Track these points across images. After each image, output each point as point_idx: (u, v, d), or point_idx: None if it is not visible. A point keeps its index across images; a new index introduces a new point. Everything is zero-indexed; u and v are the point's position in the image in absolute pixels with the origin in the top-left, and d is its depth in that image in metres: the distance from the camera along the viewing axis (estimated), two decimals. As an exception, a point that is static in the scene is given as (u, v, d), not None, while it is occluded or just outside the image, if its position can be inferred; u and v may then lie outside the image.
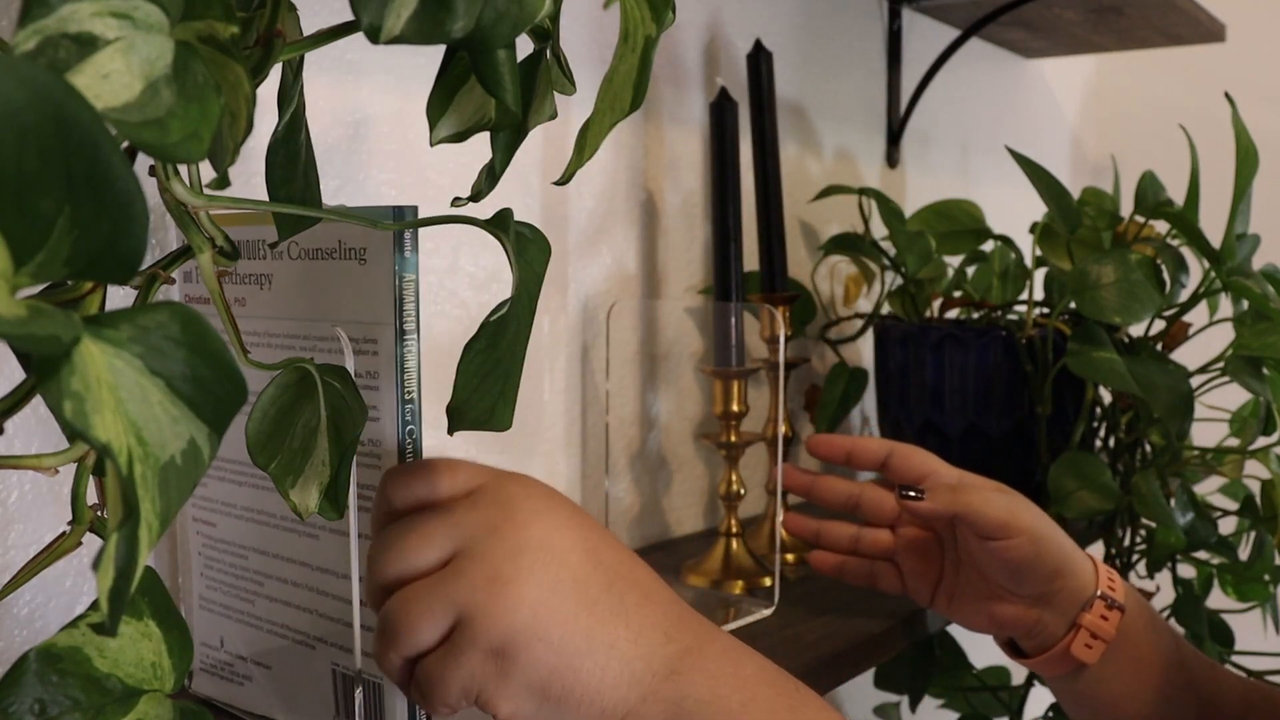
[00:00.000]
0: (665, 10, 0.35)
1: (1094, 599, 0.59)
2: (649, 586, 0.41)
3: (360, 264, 0.45)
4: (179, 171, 0.30)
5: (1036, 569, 0.59)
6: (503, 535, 0.38)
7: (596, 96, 0.35)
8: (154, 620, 0.33)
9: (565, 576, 0.38)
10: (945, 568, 0.64)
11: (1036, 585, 0.59)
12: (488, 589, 0.37)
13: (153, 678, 0.32)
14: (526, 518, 0.39)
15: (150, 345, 0.24)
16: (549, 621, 0.37)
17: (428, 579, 0.38)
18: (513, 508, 0.39)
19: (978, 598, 0.62)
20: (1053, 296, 0.94)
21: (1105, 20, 1.26)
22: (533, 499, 0.40)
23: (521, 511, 0.39)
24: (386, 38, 0.27)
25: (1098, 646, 0.59)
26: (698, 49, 0.94)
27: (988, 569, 0.61)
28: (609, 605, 0.39)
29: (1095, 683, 0.61)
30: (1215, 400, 0.91)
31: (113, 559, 0.22)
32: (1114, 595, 0.60)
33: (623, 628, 0.39)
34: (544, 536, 0.39)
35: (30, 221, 0.19)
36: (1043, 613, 0.60)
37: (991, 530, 0.58)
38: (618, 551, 0.41)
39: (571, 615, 0.38)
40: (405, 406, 0.45)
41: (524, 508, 0.39)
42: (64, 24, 0.22)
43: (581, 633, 0.38)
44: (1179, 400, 0.78)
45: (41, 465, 0.27)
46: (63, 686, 0.29)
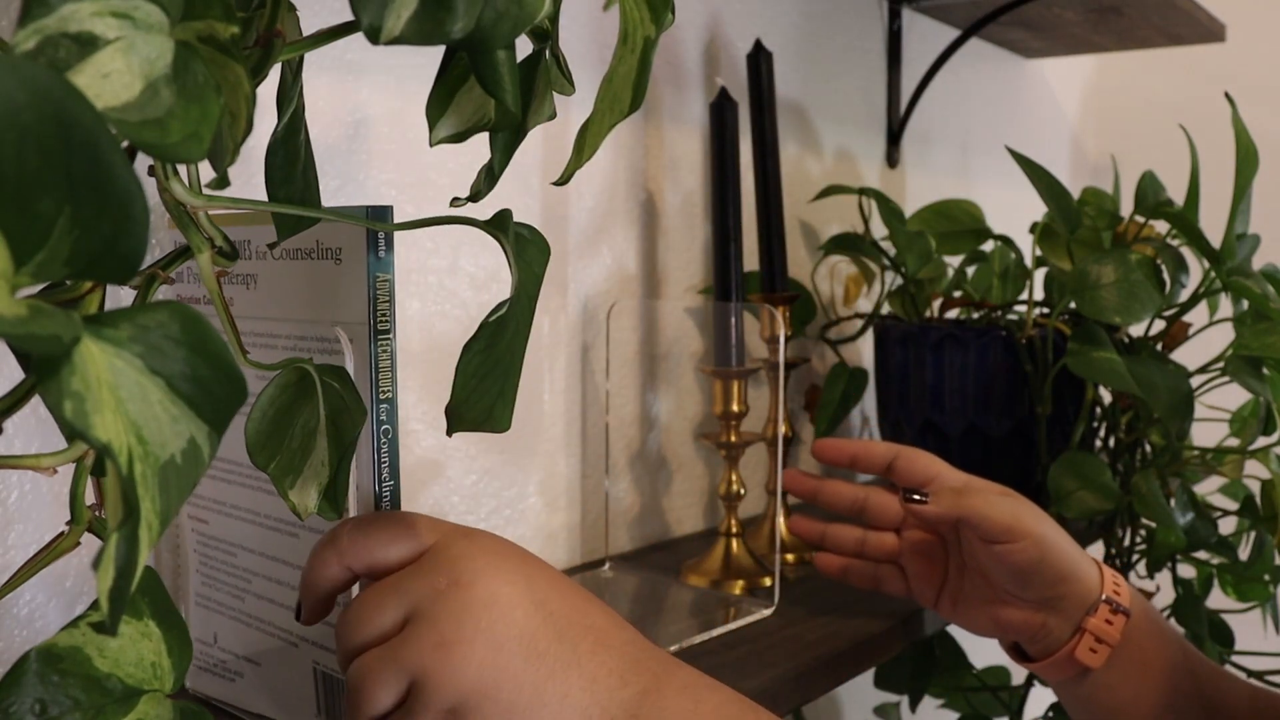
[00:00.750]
0: (664, 11, 0.35)
1: (1099, 603, 0.59)
2: (604, 631, 0.41)
3: (336, 264, 0.46)
4: (178, 171, 0.31)
5: (1041, 573, 0.59)
6: (448, 597, 0.39)
7: (596, 97, 0.35)
8: (154, 620, 0.33)
9: (512, 634, 0.38)
10: (950, 571, 0.64)
11: (1041, 589, 0.59)
12: (435, 653, 0.38)
13: (153, 677, 0.32)
14: (471, 577, 0.39)
15: (150, 345, 0.24)
16: (498, 680, 0.38)
17: (381, 647, 0.39)
18: (458, 569, 0.39)
19: (982, 601, 0.62)
20: (1053, 296, 0.94)
21: (1105, 20, 1.26)
22: (478, 557, 0.40)
23: (466, 572, 0.39)
24: (386, 38, 0.27)
25: (1102, 651, 0.59)
26: (698, 49, 0.94)
27: (992, 573, 0.61)
28: (559, 656, 0.39)
29: (1100, 687, 0.60)
30: (1215, 400, 0.91)
31: (113, 558, 0.22)
32: (1119, 600, 0.60)
33: (575, 677, 0.39)
34: (489, 594, 0.39)
35: (30, 221, 0.19)
36: (1047, 617, 0.60)
37: (996, 534, 0.58)
38: (570, 599, 0.41)
39: (519, 671, 0.38)
40: (380, 406, 0.45)
41: (469, 567, 0.39)
42: (64, 23, 0.22)
43: (529, 687, 0.38)
44: (1179, 400, 0.78)
45: (41, 465, 0.27)
46: (63, 686, 0.29)
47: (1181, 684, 0.60)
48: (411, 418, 0.75)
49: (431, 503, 0.77)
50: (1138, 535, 0.92)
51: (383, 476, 0.46)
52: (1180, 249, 0.88)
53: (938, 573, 0.65)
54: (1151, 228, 0.92)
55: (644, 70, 0.35)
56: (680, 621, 0.69)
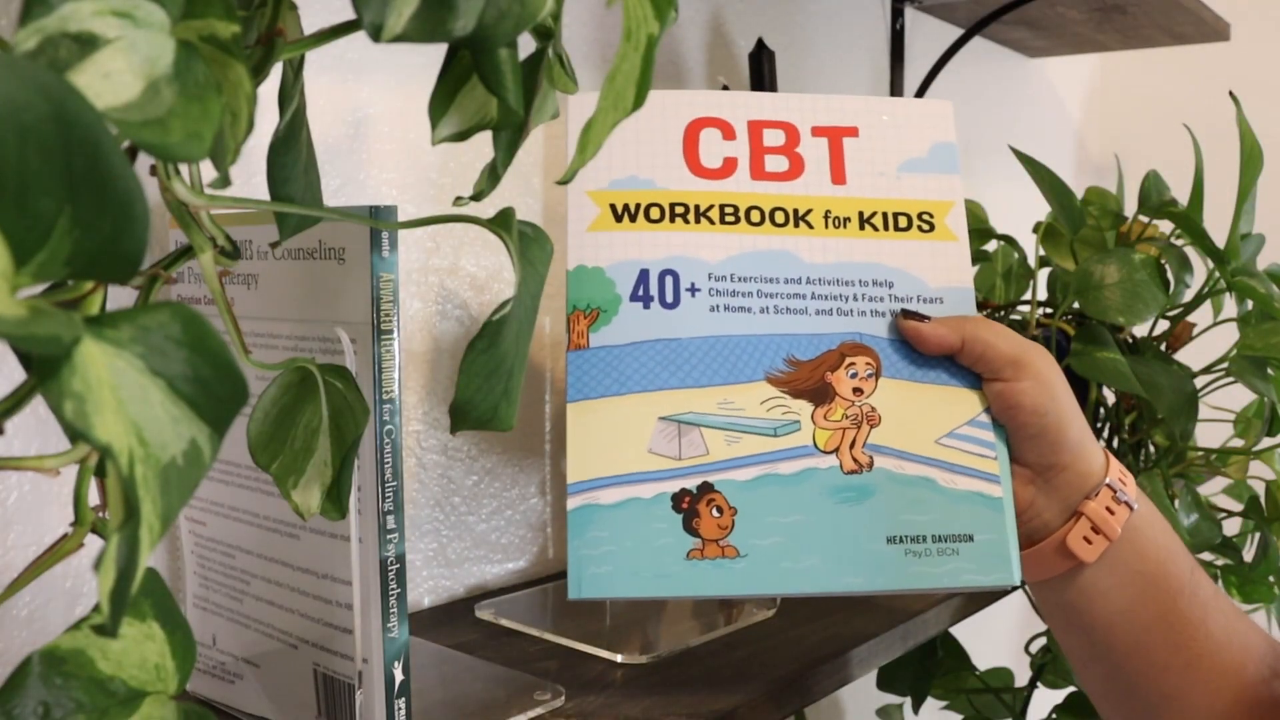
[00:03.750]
0: (668, 9, 0.34)
1: (1101, 486, 0.52)
2: None
3: (339, 264, 0.46)
4: (180, 171, 0.30)
5: (1042, 429, 0.51)
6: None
7: (599, 95, 0.35)
8: (157, 622, 0.33)
9: None
10: None
11: (1038, 452, 0.52)
12: None
13: (156, 679, 0.32)
14: None
15: (151, 345, 0.24)
16: None
17: None
18: None
19: None
20: (1056, 296, 0.94)
21: (1109, 19, 1.26)
22: None
23: None
24: (388, 36, 0.27)
25: (1098, 543, 0.51)
26: (700, 48, 0.94)
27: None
28: None
29: (1090, 593, 0.53)
30: (1220, 401, 0.91)
31: (114, 560, 0.22)
32: (1124, 489, 0.52)
33: None
34: None
35: (31, 221, 0.19)
36: (1037, 494, 0.53)
37: (999, 366, 0.51)
38: None
39: None
40: (384, 405, 0.45)
41: None
42: (65, 23, 0.22)
43: None
44: (1183, 401, 0.78)
45: (43, 466, 0.27)
46: (66, 689, 0.29)
47: (1179, 603, 0.53)
48: (413, 418, 0.75)
49: (433, 503, 0.77)
50: (1141, 535, 0.92)
51: (385, 476, 0.46)
52: (1184, 249, 0.88)
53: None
54: (1155, 227, 0.92)
55: (647, 68, 0.35)
56: (682, 623, 0.69)
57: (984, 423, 0.51)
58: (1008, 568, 0.49)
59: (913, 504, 0.49)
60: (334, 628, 0.48)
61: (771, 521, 0.48)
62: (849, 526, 0.49)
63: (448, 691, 0.58)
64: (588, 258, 0.50)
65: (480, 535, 0.80)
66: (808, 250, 0.52)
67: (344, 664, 0.48)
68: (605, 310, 0.50)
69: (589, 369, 0.49)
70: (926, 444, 0.50)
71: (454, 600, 0.78)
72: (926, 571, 0.48)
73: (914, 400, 0.51)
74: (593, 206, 0.51)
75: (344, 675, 0.48)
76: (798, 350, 0.51)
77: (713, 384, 0.50)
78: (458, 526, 0.78)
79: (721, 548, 0.48)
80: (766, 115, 0.54)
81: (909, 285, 0.53)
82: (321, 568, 0.48)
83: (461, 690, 0.59)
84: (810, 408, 0.50)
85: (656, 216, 0.51)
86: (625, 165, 0.52)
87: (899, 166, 0.54)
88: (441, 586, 0.77)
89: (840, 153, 0.54)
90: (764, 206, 0.52)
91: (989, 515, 0.49)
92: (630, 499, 0.48)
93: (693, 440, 0.49)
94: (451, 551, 0.78)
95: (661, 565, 0.48)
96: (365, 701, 0.47)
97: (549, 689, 0.58)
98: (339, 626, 0.48)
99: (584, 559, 0.48)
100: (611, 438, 0.49)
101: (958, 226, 0.54)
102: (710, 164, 0.52)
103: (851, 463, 0.50)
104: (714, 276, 0.51)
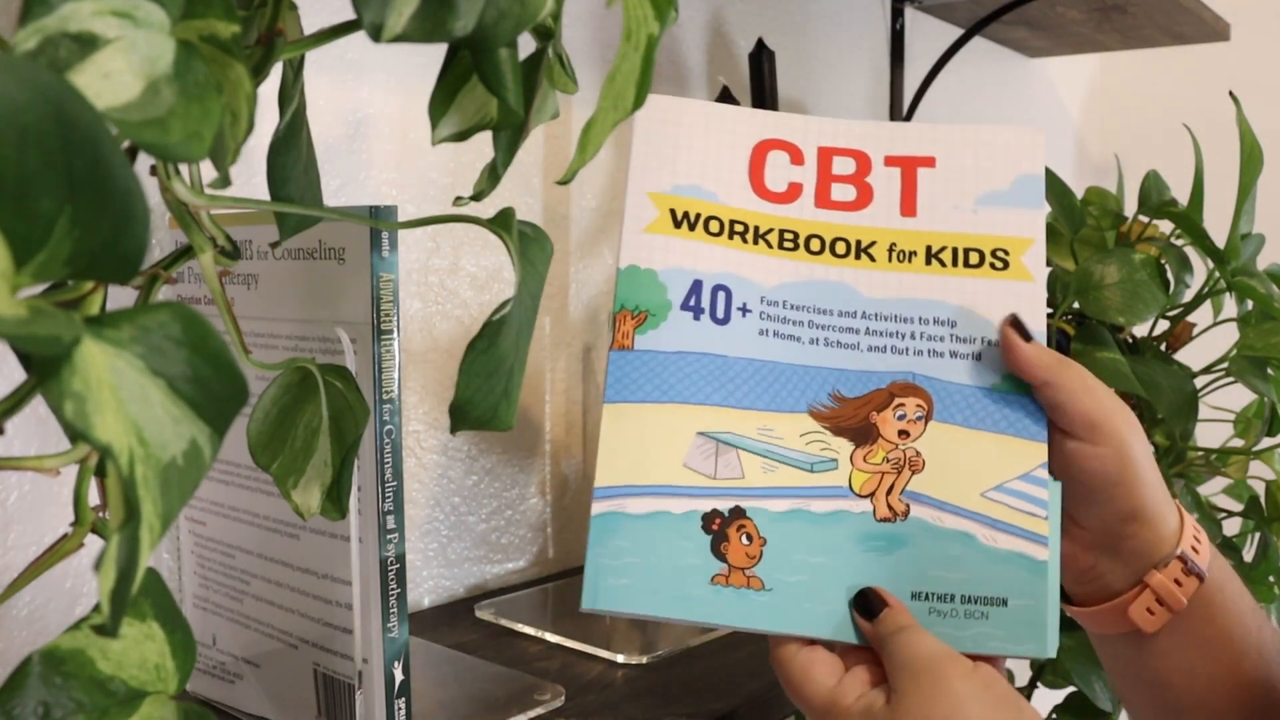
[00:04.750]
0: (668, 9, 0.34)
1: (1171, 558, 0.49)
2: None
3: (339, 264, 0.46)
4: (180, 171, 0.30)
5: (1111, 499, 0.48)
6: None
7: (599, 95, 0.35)
8: (157, 622, 0.33)
9: None
10: None
11: (1105, 521, 0.49)
12: None
13: (156, 679, 0.32)
14: None
15: (151, 345, 0.24)
16: None
17: None
18: None
19: None
20: (1056, 296, 0.94)
21: (1109, 19, 1.26)
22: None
23: None
24: (388, 36, 0.27)
25: (1161, 615, 0.49)
26: (700, 48, 0.94)
27: (1057, 476, 0.50)
28: None
29: (1147, 651, 0.51)
30: (1219, 401, 0.91)
31: (114, 560, 0.22)
32: (1196, 559, 0.49)
33: None
34: None
35: (31, 221, 0.19)
36: (1100, 559, 0.50)
37: (1076, 425, 0.48)
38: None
39: None
40: (384, 405, 0.45)
41: None
42: (65, 23, 0.22)
43: None
44: (1183, 401, 0.78)
45: (44, 466, 0.27)
46: (67, 689, 0.29)
47: (1244, 664, 0.51)
48: (413, 418, 0.75)
49: (433, 503, 0.77)
50: (1141, 535, 0.92)
51: (385, 476, 0.46)
52: (1184, 249, 0.88)
53: None
54: (1155, 227, 0.92)
55: (647, 68, 0.35)
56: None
57: (1039, 479, 0.47)
58: (1041, 639, 0.46)
59: (946, 560, 0.46)
60: (334, 628, 0.48)
61: (799, 559, 0.46)
62: (874, 577, 0.46)
63: (448, 691, 0.58)
64: (641, 259, 0.48)
65: (480, 535, 0.80)
66: (867, 284, 0.50)
67: (344, 664, 0.48)
68: (654, 314, 0.48)
69: (631, 371, 0.47)
70: (971, 496, 0.47)
71: (454, 600, 0.78)
72: (949, 634, 0.45)
73: (965, 448, 0.48)
74: (652, 208, 0.49)
75: (344, 675, 0.48)
76: (845, 386, 0.49)
77: (754, 408, 0.48)
78: (458, 526, 0.78)
79: (748, 577, 0.46)
80: (839, 142, 0.51)
81: (973, 326, 0.49)
82: (321, 568, 0.48)
83: (461, 690, 0.59)
84: (850, 447, 0.48)
85: (715, 230, 0.49)
86: (690, 173, 0.49)
87: (977, 200, 0.51)
88: (441, 586, 0.77)
89: (913, 184, 0.51)
90: (825, 235, 0.50)
91: (1028, 579, 0.46)
92: (660, 511, 0.46)
93: (729, 461, 0.47)
94: (451, 551, 0.78)
95: (684, 586, 0.45)
96: (365, 701, 0.47)
97: (549, 689, 0.58)
98: (339, 626, 0.48)
99: (603, 568, 0.45)
100: (647, 445, 0.46)
101: (1035, 266, 0.50)
102: (775, 187, 0.50)
103: (885, 509, 0.47)
104: (766, 300, 0.49)
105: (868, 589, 0.46)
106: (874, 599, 0.45)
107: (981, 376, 0.49)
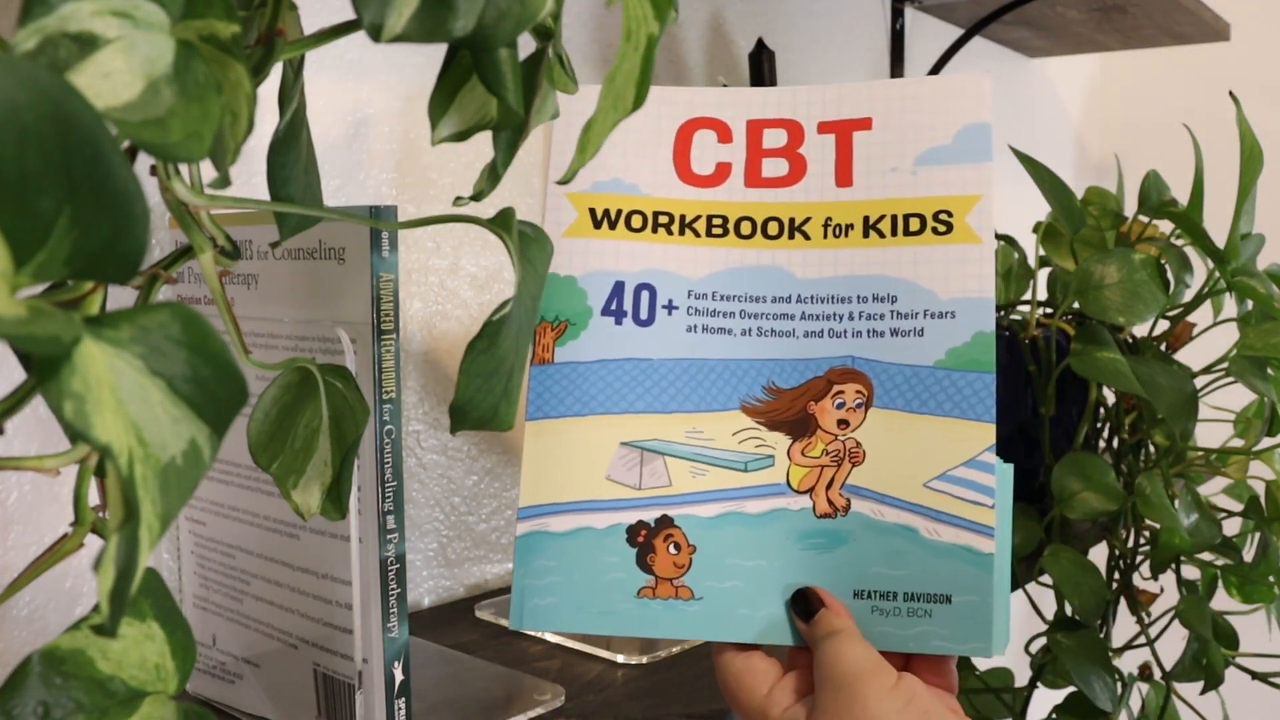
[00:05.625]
0: (668, 9, 0.34)
1: None
2: None
3: (339, 263, 0.46)
4: (180, 171, 0.30)
5: None
6: None
7: (599, 95, 0.35)
8: (157, 622, 0.33)
9: None
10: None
11: None
12: None
13: (156, 679, 0.32)
14: None
15: (151, 346, 0.24)
16: None
17: None
18: None
19: None
20: (1056, 296, 0.94)
21: (1109, 19, 1.26)
22: None
23: None
24: (388, 36, 0.27)
25: None
26: (700, 48, 0.94)
27: None
28: None
29: None
30: (1219, 401, 0.91)
31: (113, 560, 0.22)
32: None
33: None
34: None
35: (30, 221, 0.19)
36: None
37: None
38: None
39: None
40: (384, 406, 0.45)
41: None
42: (64, 23, 0.22)
43: None
44: (1183, 401, 0.78)
45: (43, 466, 0.27)
46: (66, 689, 0.29)
47: None
48: (413, 418, 0.75)
49: (433, 503, 0.77)
50: (1141, 536, 0.92)
51: (385, 476, 0.46)
52: (1184, 249, 0.88)
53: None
54: (1155, 227, 0.92)
55: (647, 68, 0.35)
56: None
57: (985, 463, 0.46)
58: (986, 637, 0.43)
59: (888, 556, 0.44)
60: (334, 628, 0.48)
61: (732, 564, 0.44)
62: (814, 577, 0.44)
63: (448, 691, 0.58)
64: (560, 265, 0.46)
65: (480, 535, 0.80)
66: (801, 264, 0.47)
67: (344, 664, 0.48)
68: (574, 323, 0.46)
69: (551, 386, 0.45)
70: (913, 487, 0.45)
71: (454, 600, 0.78)
72: (891, 633, 0.44)
73: (907, 434, 0.45)
74: (570, 210, 0.47)
75: (344, 675, 0.48)
76: (780, 377, 0.46)
77: (682, 410, 0.46)
78: (458, 526, 0.78)
79: (675, 588, 0.44)
80: (769, 113, 0.48)
81: (915, 299, 0.46)
82: (321, 568, 0.48)
83: (461, 690, 0.59)
84: (788, 441, 0.46)
85: (638, 225, 0.47)
86: (610, 167, 0.47)
87: (916, 159, 0.47)
88: (441, 586, 0.77)
89: (848, 150, 0.48)
90: (756, 217, 0.47)
91: (972, 574, 0.44)
92: (582, 528, 0.45)
93: (655, 470, 0.45)
94: (451, 551, 0.78)
95: (609, 601, 0.44)
96: (365, 701, 0.47)
97: (549, 689, 0.58)
98: (339, 626, 0.48)
99: (528, 589, 0.44)
100: (568, 461, 0.45)
101: (981, 225, 0.46)
102: (701, 170, 0.48)
103: (826, 505, 0.45)
104: (694, 294, 0.47)
105: (806, 588, 0.44)
106: (812, 598, 0.44)
107: (924, 354, 0.46)
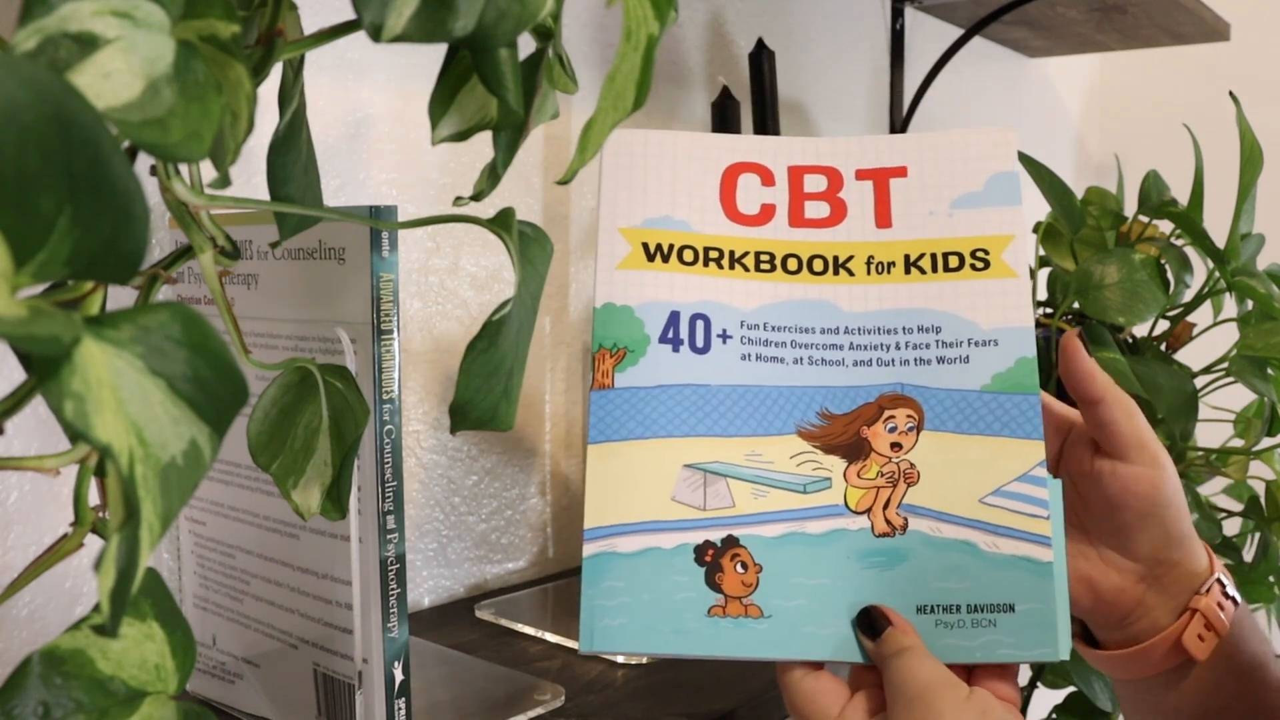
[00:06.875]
0: (668, 9, 0.34)
1: (1212, 581, 0.50)
2: None
3: (339, 264, 0.46)
4: (180, 171, 0.30)
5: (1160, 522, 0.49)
6: None
7: (599, 95, 0.35)
8: (157, 622, 0.33)
9: None
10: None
11: (1153, 548, 0.49)
12: None
13: (156, 679, 0.32)
14: None
15: (151, 345, 0.24)
16: None
17: None
18: None
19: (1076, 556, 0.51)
20: (1056, 296, 0.94)
21: (1109, 19, 1.26)
22: None
23: None
24: (388, 36, 0.27)
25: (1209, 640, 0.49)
26: (700, 48, 0.94)
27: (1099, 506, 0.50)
28: None
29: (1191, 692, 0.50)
30: (1219, 401, 0.91)
31: (114, 560, 0.22)
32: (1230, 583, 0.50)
33: None
34: None
35: (31, 221, 0.19)
36: (1148, 592, 0.50)
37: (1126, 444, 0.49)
38: None
39: None
40: (384, 405, 0.45)
41: None
42: (64, 23, 0.22)
43: None
44: (1183, 400, 0.78)
45: (44, 466, 0.27)
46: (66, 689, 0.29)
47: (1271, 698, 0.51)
48: (413, 418, 0.75)
49: (433, 503, 0.77)
50: (1141, 535, 0.92)
51: (385, 476, 0.46)
52: (1184, 249, 0.88)
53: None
54: (1155, 227, 0.92)
55: (647, 68, 0.35)
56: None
57: (1038, 478, 0.47)
58: (1052, 641, 0.45)
59: (948, 571, 0.46)
60: (334, 628, 0.48)
61: (797, 583, 0.46)
62: (876, 594, 0.46)
63: (448, 691, 0.58)
64: (616, 295, 0.48)
65: (480, 535, 0.80)
66: (847, 299, 0.49)
67: (344, 664, 0.48)
68: (632, 350, 0.48)
69: (613, 410, 0.47)
70: (968, 503, 0.47)
71: (454, 600, 0.78)
72: (958, 645, 0.45)
73: (959, 454, 0.47)
74: (624, 244, 0.49)
75: (344, 675, 0.48)
76: (832, 404, 0.48)
77: (741, 434, 0.47)
78: (458, 526, 0.78)
79: (745, 606, 0.45)
80: (808, 160, 0.51)
81: (959, 329, 0.49)
82: (321, 568, 0.48)
83: (461, 690, 0.59)
84: (843, 464, 0.47)
85: (690, 259, 0.49)
86: (660, 205, 0.49)
87: (952, 203, 0.51)
88: (441, 586, 0.77)
89: (886, 194, 0.51)
90: (802, 254, 0.50)
91: (1034, 582, 0.45)
92: (650, 548, 0.46)
93: (718, 491, 0.47)
94: (451, 551, 0.78)
95: (680, 620, 0.45)
96: (365, 701, 0.47)
97: (549, 689, 0.58)
98: (339, 626, 0.48)
99: (598, 610, 0.45)
100: (633, 483, 0.46)
101: (1016, 262, 0.50)
102: (748, 210, 0.50)
103: (884, 524, 0.47)
104: (746, 324, 0.49)
105: (870, 606, 0.45)
106: (877, 617, 0.45)
107: (970, 379, 0.48)
